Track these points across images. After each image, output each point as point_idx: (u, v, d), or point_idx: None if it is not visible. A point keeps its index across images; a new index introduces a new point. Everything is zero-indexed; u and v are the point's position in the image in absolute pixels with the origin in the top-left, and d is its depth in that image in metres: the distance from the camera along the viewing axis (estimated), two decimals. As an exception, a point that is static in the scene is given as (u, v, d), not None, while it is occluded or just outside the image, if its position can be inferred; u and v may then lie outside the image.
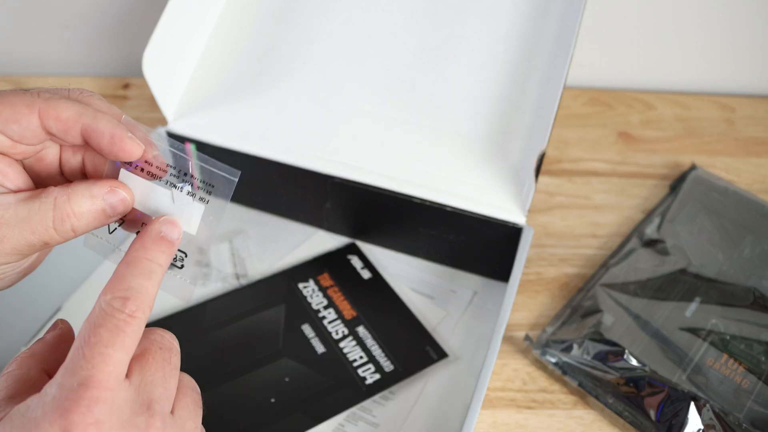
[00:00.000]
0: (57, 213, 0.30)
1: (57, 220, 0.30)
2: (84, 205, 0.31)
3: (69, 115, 0.30)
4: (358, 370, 0.47)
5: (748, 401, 0.45)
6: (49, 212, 0.30)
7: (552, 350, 0.48)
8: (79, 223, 0.31)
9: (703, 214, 0.57)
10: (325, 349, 0.49)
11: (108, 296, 0.29)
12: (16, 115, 0.30)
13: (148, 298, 0.29)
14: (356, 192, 0.52)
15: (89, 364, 0.27)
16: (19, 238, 0.30)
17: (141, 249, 0.30)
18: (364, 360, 0.48)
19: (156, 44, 0.52)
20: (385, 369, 0.48)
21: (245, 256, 0.55)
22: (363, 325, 0.50)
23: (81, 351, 0.27)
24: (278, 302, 0.51)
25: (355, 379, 0.47)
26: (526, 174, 0.50)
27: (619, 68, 0.77)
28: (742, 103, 0.74)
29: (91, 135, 0.31)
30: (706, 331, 0.48)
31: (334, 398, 0.46)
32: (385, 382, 0.47)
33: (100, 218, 0.31)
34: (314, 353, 0.48)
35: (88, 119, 0.31)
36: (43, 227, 0.30)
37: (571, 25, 0.52)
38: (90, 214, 0.31)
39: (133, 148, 0.31)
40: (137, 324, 0.28)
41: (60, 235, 0.30)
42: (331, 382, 0.47)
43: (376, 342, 0.49)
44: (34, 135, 0.31)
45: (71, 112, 0.31)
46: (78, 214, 0.30)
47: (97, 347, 0.27)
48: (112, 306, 0.28)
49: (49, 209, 0.30)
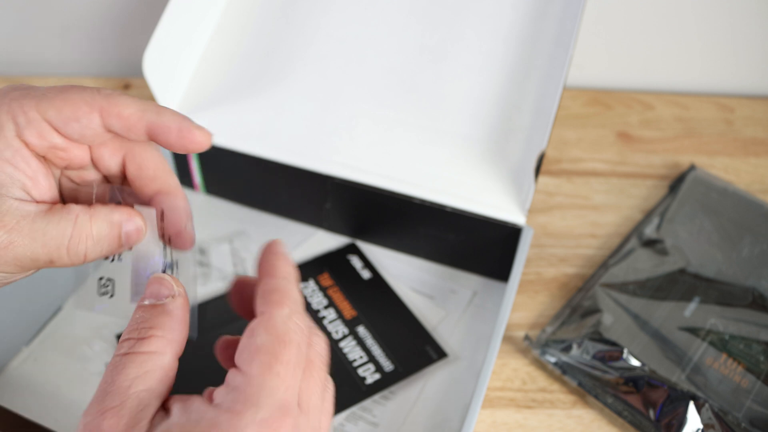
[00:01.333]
0: (76, 232, 0.29)
1: (74, 239, 0.29)
2: (103, 231, 0.30)
3: (131, 112, 0.29)
4: (358, 370, 0.48)
5: (747, 401, 0.45)
6: (68, 229, 0.29)
7: (551, 350, 0.48)
8: (94, 247, 0.29)
9: (702, 214, 0.57)
10: None
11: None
12: (76, 113, 0.29)
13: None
14: (356, 192, 0.52)
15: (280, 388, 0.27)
16: (25, 249, 0.28)
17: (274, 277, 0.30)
18: (364, 360, 0.48)
19: (157, 45, 0.52)
20: (385, 369, 0.48)
21: (246, 256, 0.55)
22: (363, 325, 0.50)
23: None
24: None
25: (355, 379, 0.47)
26: (526, 174, 0.50)
27: (619, 69, 0.77)
28: (741, 104, 0.74)
29: (158, 131, 0.29)
30: (705, 331, 0.49)
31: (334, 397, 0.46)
32: (385, 381, 0.47)
33: (113, 246, 0.30)
34: None
35: (152, 115, 0.29)
36: (56, 243, 0.28)
37: (571, 26, 0.52)
38: (106, 240, 0.30)
39: (203, 138, 0.30)
40: None
41: (70, 257, 0.29)
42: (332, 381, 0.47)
43: (376, 342, 0.49)
44: (95, 134, 0.29)
45: (134, 109, 0.29)
46: (96, 238, 0.29)
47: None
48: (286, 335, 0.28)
49: (68, 226, 0.29)
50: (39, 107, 0.29)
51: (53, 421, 0.44)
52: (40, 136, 0.29)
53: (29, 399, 0.45)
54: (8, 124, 0.28)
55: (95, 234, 0.29)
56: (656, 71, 0.77)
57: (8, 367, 0.47)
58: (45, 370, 0.47)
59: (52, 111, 0.29)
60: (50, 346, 0.48)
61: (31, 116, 0.29)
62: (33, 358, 0.48)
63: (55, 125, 0.29)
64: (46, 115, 0.29)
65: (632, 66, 0.76)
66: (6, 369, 0.47)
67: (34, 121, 0.29)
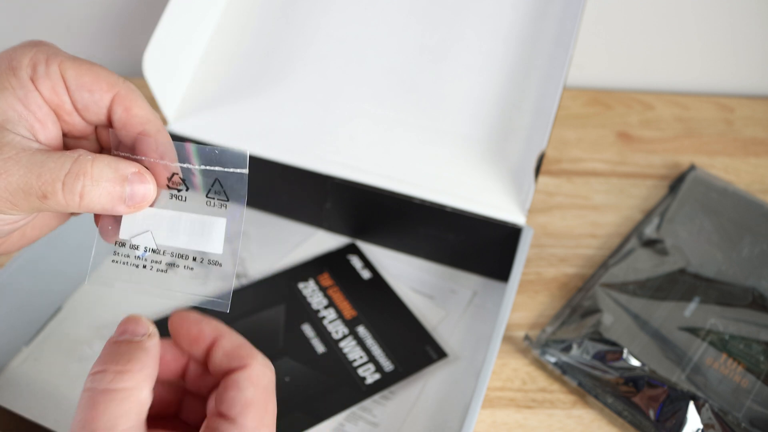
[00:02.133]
0: (75, 167, 0.28)
1: (71, 174, 0.27)
2: (105, 174, 0.28)
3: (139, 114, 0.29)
4: (358, 370, 0.48)
5: (747, 401, 0.45)
6: (68, 163, 0.28)
7: (551, 350, 0.48)
8: (91, 188, 0.28)
9: (702, 214, 0.57)
10: (326, 349, 0.49)
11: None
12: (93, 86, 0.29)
13: None
14: (356, 192, 0.52)
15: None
16: (19, 179, 0.27)
17: None
18: (364, 360, 0.48)
19: (156, 45, 0.52)
20: (385, 369, 0.48)
21: (245, 256, 0.55)
22: (363, 325, 0.50)
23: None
24: (278, 302, 0.52)
25: (355, 379, 0.47)
26: (526, 174, 0.50)
27: (619, 69, 0.77)
28: (741, 104, 0.74)
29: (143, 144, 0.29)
30: (705, 331, 0.49)
31: (334, 398, 0.46)
32: (385, 381, 0.47)
33: (113, 197, 0.28)
34: (314, 353, 0.48)
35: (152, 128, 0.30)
36: (52, 177, 0.27)
37: (571, 26, 0.52)
38: (106, 187, 0.28)
39: (153, 191, 0.29)
40: None
41: (65, 194, 0.27)
42: (331, 382, 0.47)
43: (376, 342, 0.49)
44: (97, 114, 0.29)
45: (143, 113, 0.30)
46: (95, 178, 0.28)
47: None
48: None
49: (68, 161, 0.28)
50: (62, 65, 0.29)
51: (53, 421, 0.43)
52: (52, 90, 0.29)
53: (29, 399, 0.45)
54: (26, 68, 0.29)
55: (95, 173, 0.28)
56: (656, 71, 0.77)
57: (8, 367, 0.47)
58: (45, 371, 0.47)
59: (72, 72, 0.29)
60: (50, 346, 0.48)
61: (52, 69, 0.29)
62: (33, 358, 0.48)
63: (69, 86, 0.29)
64: (66, 74, 0.29)
65: (632, 66, 0.76)
66: (6, 369, 0.47)
67: (53, 74, 0.29)
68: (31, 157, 0.27)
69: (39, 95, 0.29)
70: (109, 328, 0.49)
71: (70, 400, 0.45)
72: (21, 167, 0.27)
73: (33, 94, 0.29)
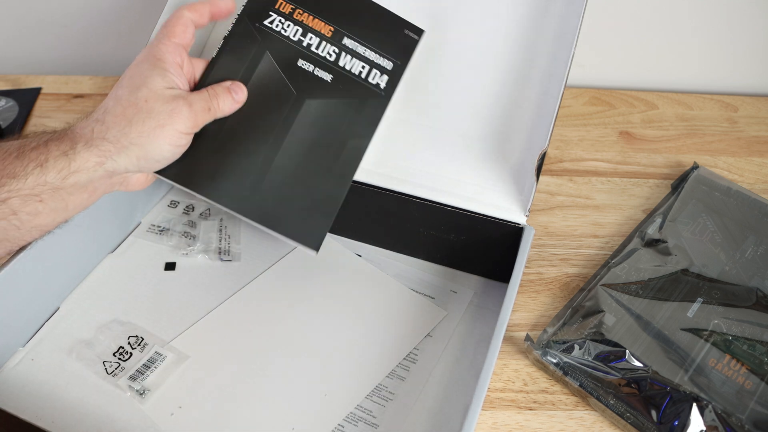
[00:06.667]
0: (209, 97, 0.46)
1: (210, 100, 0.46)
2: (221, 94, 0.47)
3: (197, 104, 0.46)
4: (368, 79, 0.50)
5: (751, 402, 0.45)
6: (205, 96, 0.46)
7: (553, 351, 0.48)
8: (220, 102, 0.47)
9: (705, 214, 0.57)
10: (332, 75, 0.50)
11: None
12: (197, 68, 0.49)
13: None
14: (356, 192, 0.52)
15: None
16: (188, 117, 0.45)
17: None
18: (367, 68, 0.51)
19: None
20: (387, 68, 0.51)
21: (232, 232, 0.57)
22: (346, 36, 0.51)
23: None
24: (260, 52, 0.50)
25: (371, 88, 0.50)
26: (527, 173, 0.50)
27: (621, 67, 0.76)
28: (745, 103, 0.74)
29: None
30: (708, 332, 0.48)
31: (364, 114, 0.50)
32: (394, 79, 0.51)
33: (233, 105, 0.48)
34: (326, 83, 0.50)
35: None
36: (204, 104, 0.46)
37: (572, 25, 0.52)
38: (226, 98, 0.47)
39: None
40: None
41: (211, 110, 0.46)
42: (355, 101, 0.50)
43: (366, 47, 0.51)
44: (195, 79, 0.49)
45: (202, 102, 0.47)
46: (220, 97, 0.47)
47: None
48: None
49: (205, 95, 0.46)
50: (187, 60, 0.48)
51: (49, 422, 0.43)
52: (187, 71, 0.48)
53: (25, 400, 0.45)
54: (173, 63, 0.46)
55: (219, 93, 0.48)
56: (659, 69, 0.76)
57: (4, 368, 0.47)
58: (41, 371, 0.47)
59: (188, 63, 0.48)
60: (47, 347, 0.48)
61: (186, 63, 0.48)
62: (29, 358, 0.47)
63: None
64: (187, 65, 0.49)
65: (635, 64, 0.76)
66: (2, 370, 0.47)
67: (186, 65, 0.48)
68: (188, 97, 0.45)
69: (183, 74, 0.47)
70: (107, 329, 0.49)
71: (67, 401, 0.45)
72: (190, 107, 0.45)
73: (180, 72, 0.47)
